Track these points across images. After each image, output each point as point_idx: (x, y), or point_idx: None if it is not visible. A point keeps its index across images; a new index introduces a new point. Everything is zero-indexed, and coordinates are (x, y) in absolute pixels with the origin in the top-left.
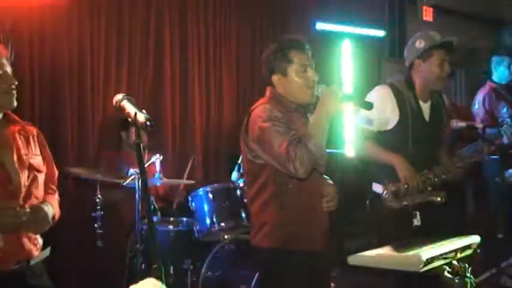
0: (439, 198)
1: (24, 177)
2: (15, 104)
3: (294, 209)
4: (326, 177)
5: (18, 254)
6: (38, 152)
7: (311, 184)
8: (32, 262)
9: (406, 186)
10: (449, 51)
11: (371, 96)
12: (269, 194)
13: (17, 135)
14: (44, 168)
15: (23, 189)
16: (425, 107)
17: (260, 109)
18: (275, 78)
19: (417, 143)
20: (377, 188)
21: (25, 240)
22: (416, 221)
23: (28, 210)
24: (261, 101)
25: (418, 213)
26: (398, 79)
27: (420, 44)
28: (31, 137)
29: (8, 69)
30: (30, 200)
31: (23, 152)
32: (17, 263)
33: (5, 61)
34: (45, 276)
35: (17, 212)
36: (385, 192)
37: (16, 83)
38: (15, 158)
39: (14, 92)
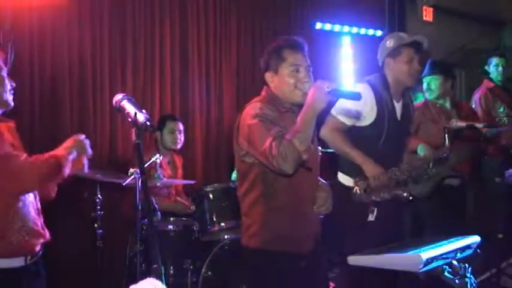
0: (405, 194)
1: None
2: None
3: (282, 211)
4: (321, 180)
5: (44, 240)
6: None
7: (301, 185)
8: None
9: (373, 183)
10: (418, 50)
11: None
12: (257, 194)
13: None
14: None
15: None
16: (398, 106)
17: (251, 106)
18: (267, 75)
19: (388, 141)
20: (344, 179)
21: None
22: (371, 217)
23: None
24: (255, 99)
25: (375, 209)
26: (375, 76)
27: (390, 43)
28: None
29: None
30: None
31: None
32: (40, 250)
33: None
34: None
35: None
36: (356, 189)
37: (14, 84)
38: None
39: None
